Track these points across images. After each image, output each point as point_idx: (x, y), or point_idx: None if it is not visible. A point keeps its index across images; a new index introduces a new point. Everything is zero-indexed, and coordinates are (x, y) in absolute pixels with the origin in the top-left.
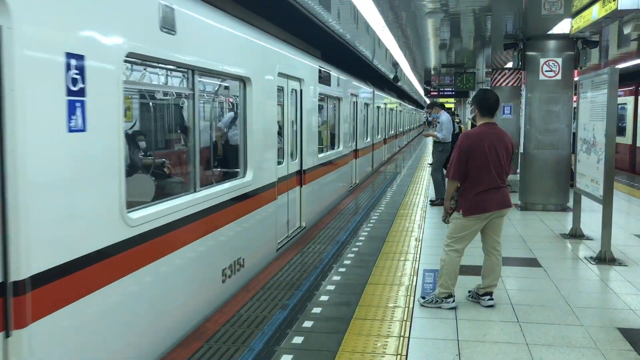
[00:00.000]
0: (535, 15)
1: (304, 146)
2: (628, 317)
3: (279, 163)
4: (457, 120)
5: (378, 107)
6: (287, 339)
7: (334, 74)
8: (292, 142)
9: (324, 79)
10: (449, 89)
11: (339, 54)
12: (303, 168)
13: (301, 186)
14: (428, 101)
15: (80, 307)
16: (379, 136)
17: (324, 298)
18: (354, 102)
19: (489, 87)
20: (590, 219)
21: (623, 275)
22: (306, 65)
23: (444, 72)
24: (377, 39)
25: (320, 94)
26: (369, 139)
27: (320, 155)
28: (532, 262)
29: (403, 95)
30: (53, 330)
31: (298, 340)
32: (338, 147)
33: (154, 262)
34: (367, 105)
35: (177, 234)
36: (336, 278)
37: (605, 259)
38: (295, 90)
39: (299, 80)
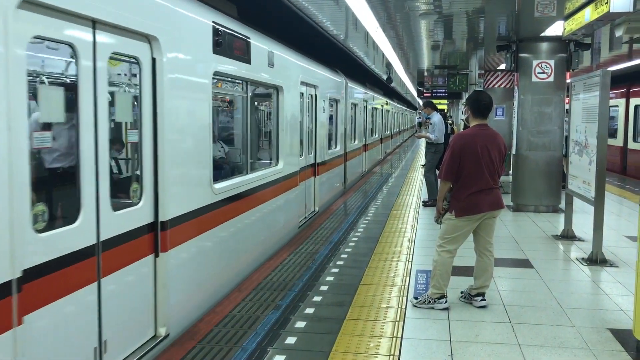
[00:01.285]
0: (528, 18)
1: (163, 176)
2: (619, 318)
3: (60, 224)
4: (450, 122)
5: (354, 105)
6: (279, 339)
7: (260, 45)
8: (104, 169)
9: (230, 47)
10: (441, 90)
11: (292, 28)
12: (163, 218)
13: (157, 256)
14: (421, 102)
15: None
16: (356, 142)
17: (317, 298)
18: (311, 95)
19: (481, 89)
20: (582, 221)
21: (614, 276)
22: (165, 10)
23: (437, 74)
24: (351, 15)
25: (222, 74)
26: (338, 147)
27: (222, 186)
28: (524, 263)
29: (392, 93)
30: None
31: (291, 340)
32: (275, 165)
33: None
34: (336, 101)
35: None
36: (329, 278)
37: (596, 260)
38: (138, 61)
39: (147, 38)
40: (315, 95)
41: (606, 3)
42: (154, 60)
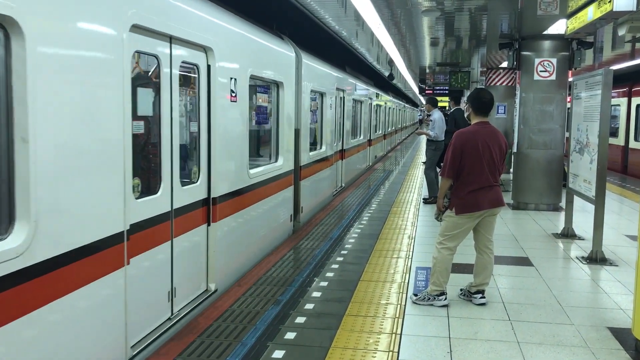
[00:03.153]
0: (531, 16)
1: None
2: (618, 316)
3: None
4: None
5: (321, 95)
6: (279, 334)
7: None
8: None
9: None
10: (443, 88)
11: None
12: None
13: None
14: (423, 100)
15: None
16: (323, 148)
17: (316, 294)
18: (195, 66)
19: (483, 87)
20: (582, 219)
21: (614, 275)
22: None
23: (438, 71)
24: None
25: None
26: (280, 162)
27: None
28: (524, 261)
29: (387, 84)
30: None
31: (290, 335)
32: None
33: None
34: (276, 86)
35: None
36: (329, 274)
37: (596, 258)
38: None
39: None
40: (208, 66)
41: (609, 1)
42: None
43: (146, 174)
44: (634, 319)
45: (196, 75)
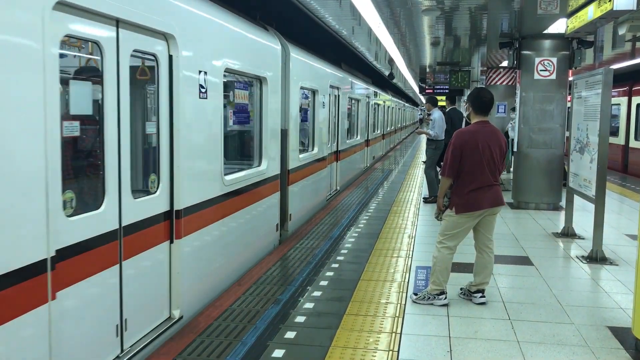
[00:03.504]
0: (531, 15)
1: None
2: (618, 316)
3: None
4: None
5: (313, 93)
6: (279, 333)
7: None
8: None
9: None
10: (444, 87)
11: None
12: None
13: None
14: (423, 99)
15: None
16: (315, 150)
17: (316, 293)
18: (150, 59)
19: (484, 86)
20: (582, 219)
21: (614, 274)
22: None
23: (438, 70)
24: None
25: None
26: (263, 165)
27: None
28: (524, 261)
29: (385, 82)
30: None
31: (290, 335)
32: None
33: None
34: (259, 82)
35: None
36: (329, 274)
37: (596, 258)
38: None
39: None
40: (170, 57)
41: (610, 1)
42: None
43: (86, 185)
44: (634, 318)
45: (155, 67)
